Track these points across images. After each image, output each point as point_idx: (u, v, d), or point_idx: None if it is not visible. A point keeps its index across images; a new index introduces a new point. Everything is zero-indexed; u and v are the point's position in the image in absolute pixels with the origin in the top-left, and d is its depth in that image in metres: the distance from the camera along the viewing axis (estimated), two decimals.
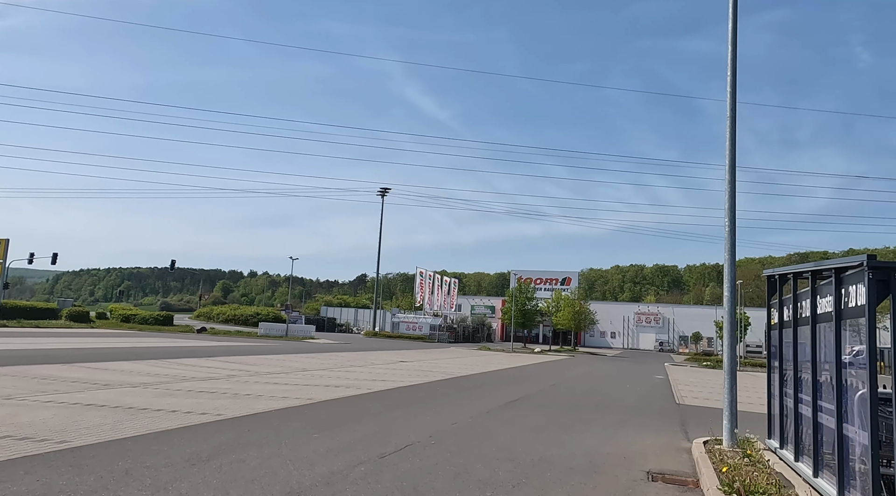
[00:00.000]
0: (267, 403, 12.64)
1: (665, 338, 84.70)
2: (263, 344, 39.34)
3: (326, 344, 44.20)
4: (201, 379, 17.04)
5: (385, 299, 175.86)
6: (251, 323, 65.77)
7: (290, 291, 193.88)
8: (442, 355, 38.14)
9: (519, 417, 12.23)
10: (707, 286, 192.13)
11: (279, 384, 16.78)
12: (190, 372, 18.74)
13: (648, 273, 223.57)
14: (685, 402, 17.69)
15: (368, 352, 36.01)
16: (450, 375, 22.82)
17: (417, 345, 52.65)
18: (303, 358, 28.23)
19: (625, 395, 19.06)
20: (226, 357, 25.98)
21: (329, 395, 14.51)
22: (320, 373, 20.66)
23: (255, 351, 31.35)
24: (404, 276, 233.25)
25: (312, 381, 17.91)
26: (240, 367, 21.33)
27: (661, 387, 23.07)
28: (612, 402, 16.52)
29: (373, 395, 15.05)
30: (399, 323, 65.38)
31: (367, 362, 27.79)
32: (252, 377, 18.25)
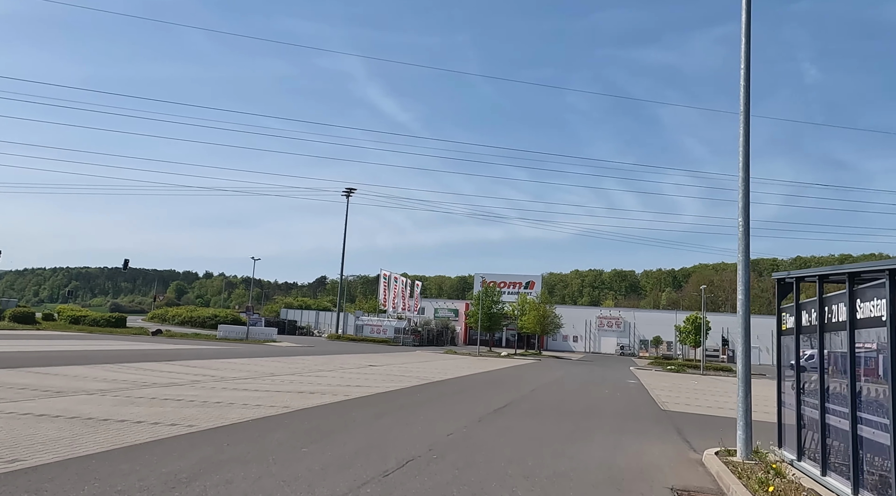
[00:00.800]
0: (241, 412, 11.66)
1: (626, 342, 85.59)
2: (224, 347, 37.77)
3: (290, 347, 42.81)
4: (163, 385, 15.85)
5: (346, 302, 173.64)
6: (209, 325, 63.59)
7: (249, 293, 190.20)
8: (410, 359, 37.30)
9: (514, 426, 11.56)
10: (663, 291, 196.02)
11: (249, 390, 15.74)
12: (150, 377, 17.50)
13: (607, 278, 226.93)
14: (669, 408, 17.33)
15: (335, 356, 34.90)
16: (425, 380, 22.04)
17: (382, 348, 51.62)
18: (268, 362, 27.03)
19: (608, 401, 18.62)
20: (186, 361, 24.61)
21: (306, 403, 13.58)
22: (290, 379, 19.62)
23: (217, 354, 29.93)
24: (365, 279, 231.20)
25: (283, 387, 16.89)
26: (203, 372, 20.12)
27: (638, 392, 22.77)
28: (599, 409, 16.03)
29: (352, 402, 14.17)
30: (363, 326, 64.15)
31: (336, 366, 26.78)
32: (218, 383, 17.13)
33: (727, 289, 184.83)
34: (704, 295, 54.49)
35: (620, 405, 17.28)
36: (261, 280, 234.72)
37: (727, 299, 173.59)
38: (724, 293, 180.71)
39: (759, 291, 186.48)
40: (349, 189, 67.77)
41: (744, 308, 9.15)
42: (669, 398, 20.80)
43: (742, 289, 9.18)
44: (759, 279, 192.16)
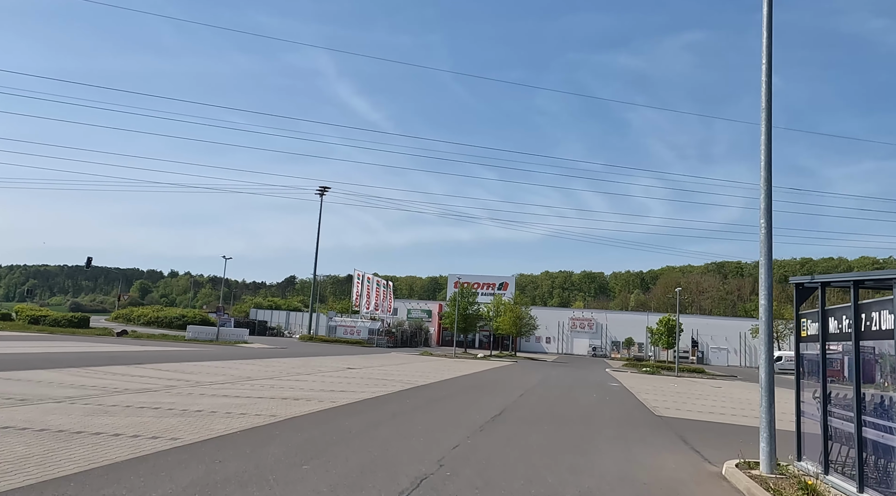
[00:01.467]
0: (226, 422, 10.87)
1: (598, 344, 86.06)
2: (195, 349, 36.49)
3: (263, 349, 41.65)
4: (136, 391, 14.91)
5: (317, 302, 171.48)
6: (176, 325, 61.75)
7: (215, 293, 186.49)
8: (387, 361, 36.55)
9: (517, 436, 11.01)
10: (632, 293, 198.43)
11: (229, 396, 14.90)
12: (121, 382, 16.49)
13: (576, 279, 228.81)
14: (662, 413, 16.99)
15: (311, 358, 33.96)
16: (409, 384, 21.37)
17: (357, 350, 50.68)
18: (243, 365, 26.04)
19: (600, 406, 18.23)
20: (157, 364, 23.50)
21: (293, 410, 12.83)
22: (270, 383, 18.77)
23: (188, 357, 28.78)
24: (335, 279, 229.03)
25: (265, 392, 16.07)
26: (177, 376, 19.13)
27: (625, 396, 22.47)
28: (595, 415, 15.60)
29: (341, 410, 13.45)
30: (336, 327, 63.04)
31: (314, 369, 25.93)
32: (195, 388, 16.22)
33: (693, 291, 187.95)
34: (679, 297, 54.84)
35: (614, 411, 16.88)
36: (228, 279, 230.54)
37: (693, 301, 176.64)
38: (690, 295, 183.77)
39: (725, 293, 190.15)
40: (323, 187, 66.59)
41: (767, 314, 8.72)
42: (658, 402, 20.52)
43: (765, 295, 8.75)
44: (723, 282, 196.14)
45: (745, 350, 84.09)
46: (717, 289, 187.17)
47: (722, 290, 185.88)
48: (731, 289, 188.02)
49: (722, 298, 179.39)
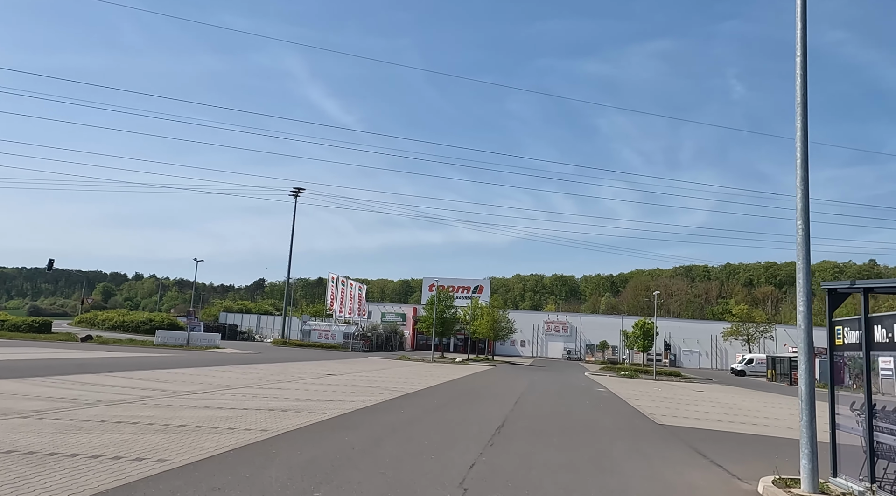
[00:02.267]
0: (215, 439, 9.96)
1: (573, 347, 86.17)
2: (165, 355, 35.02)
3: (236, 354, 40.30)
4: (110, 403, 13.84)
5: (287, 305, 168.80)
6: (143, 330, 59.68)
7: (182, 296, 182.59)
8: (366, 366, 35.61)
9: (532, 452, 10.33)
10: (602, 296, 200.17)
11: (211, 408, 13.93)
12: (91, 393, 15.36)
13: (548, 282, 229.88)
14: (663, 421, 16.52)
15: (288, 364, 32.84)
16: (397, 392, 20.56)
17: (333, 354, 49.51)
18: (219, 372, 24.90)
19: (599, 414, 17.69)
20: (128, 372, 22.24)
21: (284, 424, 11.95)
22: (251, 392, 17.79)
23: (160, 364, 27.47)
24: (305, 282, 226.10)
25: (249, 403, 15.12)
26: (151, 386, 18.01)
27: (617, 403, 22.02)
28: (598, 425, 15.04)
29: (336, 423, 12.62)
30: (310, 331, 61.67)
31: (294, 376, 24.92)
32: (172, 399, 15.18)
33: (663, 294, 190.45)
34: (656, 300, 55.05)
35: (615, 420, 16.34)
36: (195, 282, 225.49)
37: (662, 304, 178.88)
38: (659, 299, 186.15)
39: (693, 296, 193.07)
40: (297, 189, 65.13)
41: (806, 321, 8.19)
42: (652, 409, 20.08)
43: (803, 301, 8.22)
44: (691, 285, 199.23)
45: (715, 352, 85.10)
46: (686, 292, 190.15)
47: (690, 294, 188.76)
48: (698, 292, 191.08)
49: (690, 301, 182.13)
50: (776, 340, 78.32)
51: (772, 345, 78.29)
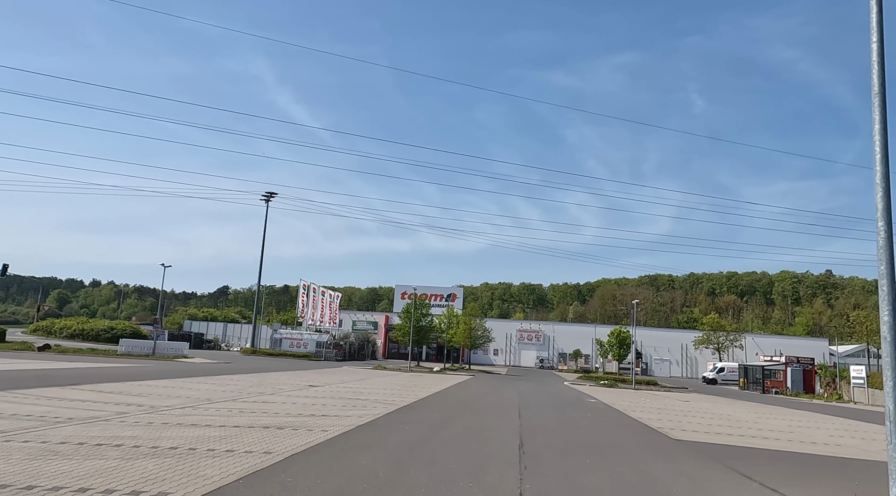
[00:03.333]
0: (217, 465, 8.76)
1: (545, 356, 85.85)
2: (132, 365, 33.09)
3: (207, 364, 38.46)
4: (83, 420, 12.45)
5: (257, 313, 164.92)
6: (104, 338, 56.95)
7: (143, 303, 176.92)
8: (346, 377, 34.27)
9: (573, 474, 9.39)
10: (570, 305, 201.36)
11: (198, 425, 12.64)
12: (60, 410, 13.89)
13: (515, 291, 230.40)
14: (678, 437, 15.75)
15: (265, 375, 31.31)
16: (391, 405, 19.43)
17: (307, 364, 47.86)
18: (194, 384, 23.37)
19: (610, 429, 16.88)
20: (95, 384, 20.60)
21: (286, 445, 10.78)
22: (236, 407, 16.47)
23: (128, 375, 25.74)
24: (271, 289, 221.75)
25: (238, 419, 13.85)
26: (124, 400, 16.54)
27: (618, 415, 21.29)
28: (616, 440, 14.21)
29: (342, 442, 11.49)
30: (281, 339, 59.71)
31: (275, 388, 23.54)
32: (152, 415, 13.82)
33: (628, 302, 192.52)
34: (636, 310, 54.89)
35: (629, 435, 15.53)
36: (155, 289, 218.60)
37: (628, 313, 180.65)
38: (625, 307, 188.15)
39: (658, 305, 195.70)
40: (269, 193, 63.26)
41: (892, 332, 7.42)
42: (659, 422, 19.36)
43: (888, 310, 7.45)
44: (657, 294, 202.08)
45: (686, 361, 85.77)
46: (651, 301, 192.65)
47: (655, 302, 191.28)
48: (664, 301, 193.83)
49: (655, 310, 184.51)
50: (745, 349, 79.28)
51: (741, 354, 79.20)
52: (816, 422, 23.42)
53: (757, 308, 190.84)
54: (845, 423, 23.97)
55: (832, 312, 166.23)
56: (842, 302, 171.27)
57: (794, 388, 54.46)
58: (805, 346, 79.73)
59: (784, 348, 79.38)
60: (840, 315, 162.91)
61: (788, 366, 56.16)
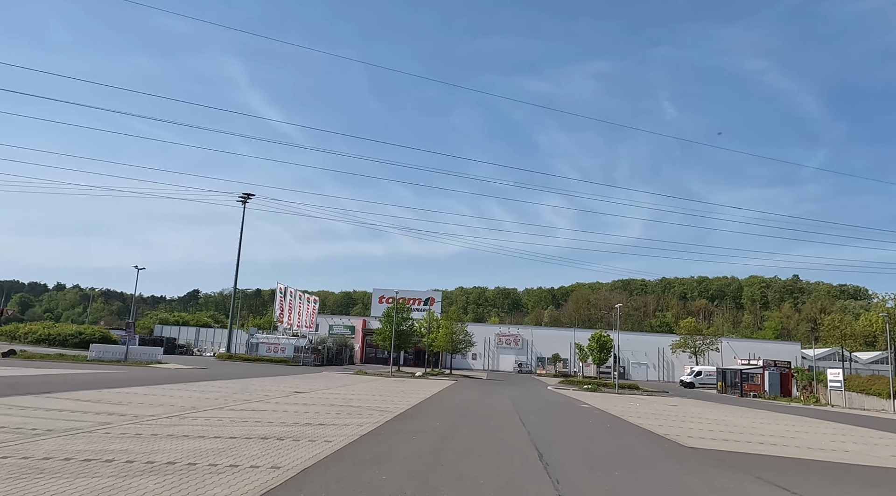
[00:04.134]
0: (225, 482, 7.97)
1: (524, 360, 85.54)
2: (106, 371, 31.65)
3: (184, 370, 37.07)
4: (65, 432, 11.48)
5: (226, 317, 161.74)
6: (72, 344, 54.89)
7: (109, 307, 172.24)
8: (330, 383, 33.32)
9: (612, 491, 8.77)
10: (545, 309, 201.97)
11: (191, 437, 11.76)
12: (37, 420, 12.87)
13: (490, 295, 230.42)
14: (692, 444, 15.28)
15: (246, 381, 30.19)
16: (387, 412, 18.65)
17: (286, 369, 46.62)
18: (175, 391, 22.26)
19: (617, 436, 16.37)
20: (70, 392, 19.42)
21: (292, 458, 10.00)
22: (226, 416, 15.54)
23: (103, 382, 24.48)
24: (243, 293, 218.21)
25: (232, 430, 12.97)
26: (105, 409, 15.51)
27: (618, 422, 20.82)
28: (632, 449, 13.67)
29: (351, 454, 10.74)
30: (258, 344, 58.18)
31: (261, 395, 22.57)
32: (138, 426, 12.88)
33: (602, 306, 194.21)
34: (619, 313, 54.81)
35: (642, 442, 14.98)
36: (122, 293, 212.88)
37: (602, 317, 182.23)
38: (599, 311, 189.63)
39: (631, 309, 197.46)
40: (246, 194, 61.71)
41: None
42: (663, 428, 18.89)
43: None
44: (630, 298, 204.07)
45: (662, 365, 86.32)
46: (625, 305, 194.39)
47: (629, 307, 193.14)
48: (637, 305, 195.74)
49: (629, 314, 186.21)
50: (722, 353, 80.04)
51: (717, 358, 79.93)
52: (811, 427, 23.30)
53: (727, 312, 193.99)
54: (839, 428, 23.89)
55: (800, 316, 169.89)
56: (809, 306, 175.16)
57: (772, 392, 54.91)
58: (778, 350, 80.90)
59: (757, 352, 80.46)
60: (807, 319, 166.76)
61: (766, 369, 56.65)
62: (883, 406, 42.54)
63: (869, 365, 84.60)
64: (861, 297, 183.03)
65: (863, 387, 45.82)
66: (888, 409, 41.58)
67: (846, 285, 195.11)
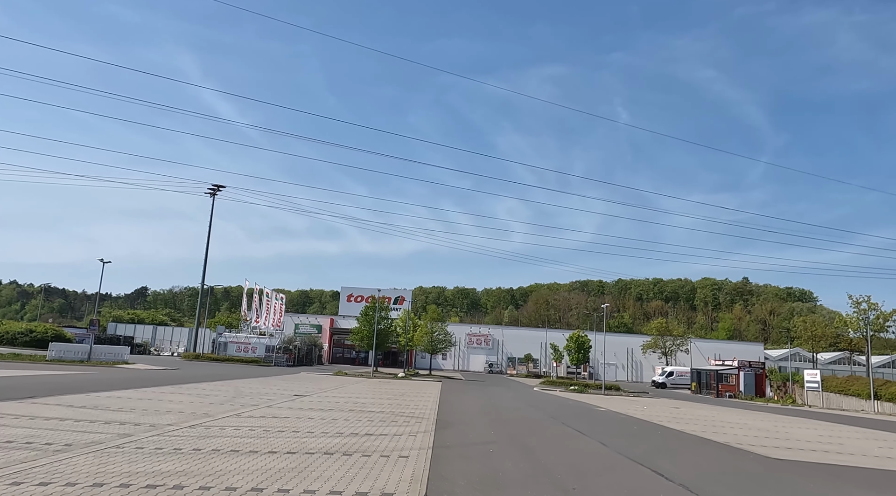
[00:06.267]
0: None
1: (494, 360, 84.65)
2: (77, 373, 28.87)
3: (159, 371, 34.38)
4: (86, 447, 9.58)
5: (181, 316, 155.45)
6: (21, 342, 50.87)
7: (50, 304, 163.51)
8: (320, 385, 31.33)
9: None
10: (506, 309, 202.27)
11: (240, 452, 10.01)
12: (44, 432, 10.96)
13: (449, 295, 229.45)
14: (767, 454, 14.25)
15: (232, 382, 27.96)
16: (421, 418, 17.07)
17: (262, 370, 44.12)
18: (170, 394, 20.09)
19: (698, 450, 15.23)
20: (56, 396, 17.15)
21: (392, 481, 8.40)
22: (253, 425, 13.70)
23: (84, 385, 22.04)
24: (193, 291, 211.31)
25: (277, 442, 11.21)
26: (107, 416, 13.49)
27: (662, 429, 19.78)
28: (752, 468, 12.53)
29: (448, 472, 9.21)
30: (227, 343, 55.22)
31: (264, 400, 20.62)
32: (164, 437, 11.04)
33: (562, 307, 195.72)
34: (606, 313, 54.25)
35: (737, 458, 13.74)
36: (64, 289, 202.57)
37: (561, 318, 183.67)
38: (558, 312, 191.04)
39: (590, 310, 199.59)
40: (216, 186, 58.52)
41: None
42: (717, 436, 17.95)
43: None
44: (588, 299, 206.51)
45: (631, 365, 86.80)
46: (584, 306, 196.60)
47: (587, 307, 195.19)
48: (596, 305, 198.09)
49: (587, 315, 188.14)
50: (691, 354, 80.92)
51: (685, 358, 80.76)
52: (834, 431, 22.68)
53: (681, 313, 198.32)
54: (860, 432, 23.35)
55: (751, 317, 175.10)
56: (758, 307, 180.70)
57: (747, 392, 55.35)
58: (742, 350, 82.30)
59: (722, 352, 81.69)
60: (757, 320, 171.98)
61: (741, 370, 57.10)
62: (863, 406, 43.10)
63: (828, 365, 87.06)
64: (807, 300, 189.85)
65: (841, 387, 46.44)
66: (868, 410, 42.12)
67: (792, 288, 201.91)
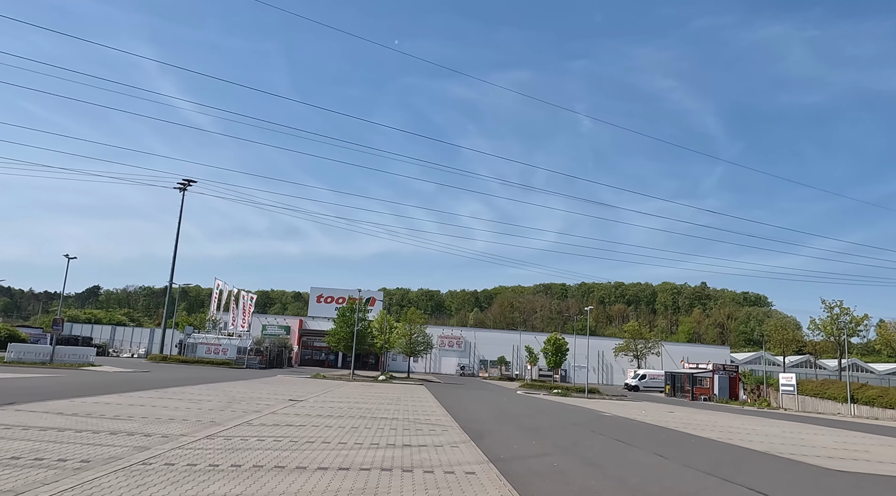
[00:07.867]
0: None
1: (466, 362, 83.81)
2: (38, 376, 26.71)
3: (131, 374, 32.29)
4: (107, 463, 8.29)
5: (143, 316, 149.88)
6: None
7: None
8: (306, 389, 29.86)
9: None
10: (471, 311, 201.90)
11: (287, 468, 8.82)
12: (47, 445, 9.63)
13: (413, 296, 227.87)
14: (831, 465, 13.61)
15: (217, 386, 26.29)
16: (444, 426, 15.97)
17: (237, 373, 42.14)
18: (159, 400, 18.50)
19: (758, 464, 14.54)
20: (40, 403, 15.57)
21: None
22: (270, 434, 12.42)
23: (60, 390, 20.21)
24: (149, 290, 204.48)
25: (319, 456, 10.03)
26: (111, 426, 12.04)
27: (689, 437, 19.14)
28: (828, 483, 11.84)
29: (530, 492, 8.17)
30: (196, 345, 52.75)
31: (260, 405, 19.20)
32: (185, 451, 9.75)
33: (526, 310, 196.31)
34: (589, 316, 53.96)
35: (795, 469, 13.19)
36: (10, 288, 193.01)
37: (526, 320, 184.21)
38: (522, 315, 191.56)
39: (555, 313, 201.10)
40: (187, 180, 56.04)
41: None
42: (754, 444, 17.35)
43: None
44: (552, 301, 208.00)
45: (602, 368, 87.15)
46: (548, 308, 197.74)
47: (552, 310, 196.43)
48: (560, 308, 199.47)
49: (551, 318, 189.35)
50: (662, 357, 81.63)
51: (656, 361, 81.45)
52: (847, 438, 22.39)
53: (642, 316, 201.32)
54: (874, 438, 23.04)
55: (709, 321, 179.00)
56: (716, 311, 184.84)
57: (721, 395, 55.81)
58: (709, 354, 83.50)
59: (690, 355, 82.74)
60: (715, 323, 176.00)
61: (716, 373, 57.56)
62: (839, 409, 43.72)
63: (791, 368, 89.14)
64: (762, 304, 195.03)
65: (816, 391, 47.09)
66: (844, 413, 42.72)
67: (748, 293, 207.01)
